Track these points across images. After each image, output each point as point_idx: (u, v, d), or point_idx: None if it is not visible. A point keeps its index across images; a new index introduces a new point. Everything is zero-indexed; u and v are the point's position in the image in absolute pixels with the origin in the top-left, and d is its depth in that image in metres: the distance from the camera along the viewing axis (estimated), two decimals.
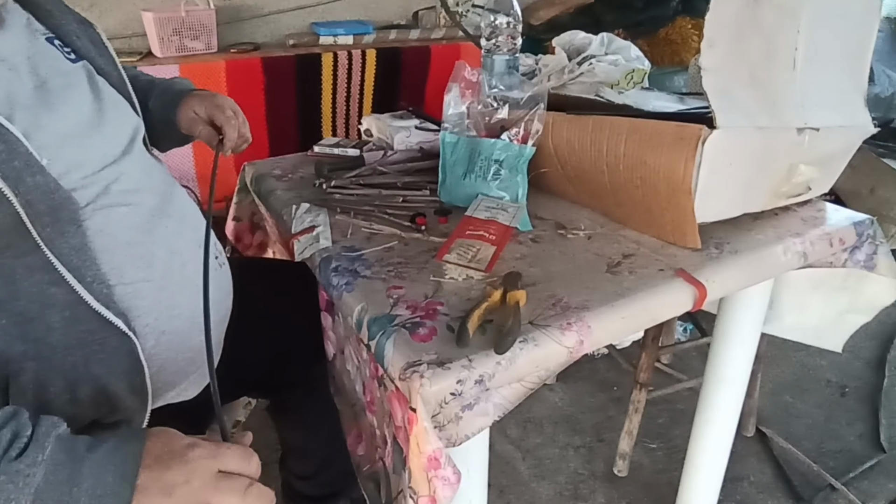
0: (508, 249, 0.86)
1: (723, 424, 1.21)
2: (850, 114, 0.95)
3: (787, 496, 1.50)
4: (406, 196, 1.01)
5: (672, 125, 0.81)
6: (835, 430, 1.70)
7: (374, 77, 2.14)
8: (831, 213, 1.00)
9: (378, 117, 1.32)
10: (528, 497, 1.50)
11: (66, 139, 0.66)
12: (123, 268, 0.67)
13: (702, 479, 1.29)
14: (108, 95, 0.76)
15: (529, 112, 0.97)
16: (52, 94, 0.67)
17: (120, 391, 0.67)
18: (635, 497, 1.50)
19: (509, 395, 0.69)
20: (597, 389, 1.86)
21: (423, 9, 2.36)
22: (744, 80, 0.83)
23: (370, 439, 0.87)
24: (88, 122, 0.71)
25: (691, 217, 0.83)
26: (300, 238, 0.93)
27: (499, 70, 1.13)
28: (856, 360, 1.97)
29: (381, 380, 0.73)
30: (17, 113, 0.61)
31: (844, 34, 0.93)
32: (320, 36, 2.10)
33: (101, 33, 0.81)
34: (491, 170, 0.97)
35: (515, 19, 1.10)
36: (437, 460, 0.63)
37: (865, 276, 1.03)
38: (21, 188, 0.58)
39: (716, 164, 0.79)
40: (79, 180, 0.65)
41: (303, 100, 2.07)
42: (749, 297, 1.06)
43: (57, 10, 0.76)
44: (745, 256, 0.87)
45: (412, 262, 0.84)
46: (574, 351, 0.70)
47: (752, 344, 1.13)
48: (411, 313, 0.72)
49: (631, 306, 0.75)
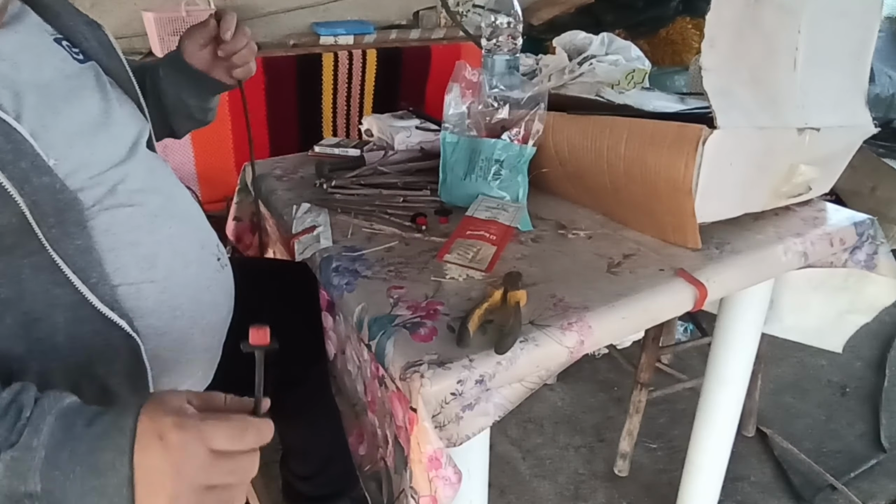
0: (509, 249, 0.86)
1: (723, 424, 1.21)
2: (850, 114, 0.95)
3: (788, 496, 1.50)
4: (407, 196, 1.01)
5: (672, 125, 0.81)
6: (835, 430, 1.70)
7: (375, 77, 2.14)
8: (832, 213, 1.00)
9: (378, 117, 1.32)
10: (529, 497, 1.50)
11: (73, 139, 0.66)
12: (127, 268, 0.67)
13: (702, 479, 1.29)
14: (116, 96, 0.77)
15: (530, 112, 0.97)
16: (60, 94, 0.67)
17: (122, 392, 0.67)
18: (636, 497, 1.50)
19: (510, 395, 0.69)
20: (597, 389, 1.86)
21: (424, 9, 2.36)
22: (744, 80, 0.83)
23: (371, 439, 0.87)
24: (96, 122, 0.71)
25: (692, 217, 0.83)
26: (301, 238, 0.93)
27: (499, 70, 1.13)
28: (856, 360, 1.97)
29: (382, 380, 0.73)
30: (24, 113, 0.62)
31: (845, 34, 0.93)
32: (321, 36, 2.10)
33: (108, 34, 0.82)
34: (491, 170, 0.97)
35: (516, 19, 1.10)
36: (437, 460, 0.63)
37: (866, 277, 1.03)
38: (27, 188, 0.58)
39: (716, 164, 0.79)
40: (86, 180, 0.66)
41: (303, 100, 2.07)
42: (749, 297, 1.06)
43: (65, 11, 0.76)
44: (746, 256, 0.87)
45: (413, 262, 0.84)
46: (574, 351, 0.70)
47: (752, 344, 1.13)
48: (412, 313, 0.72)
49: (631, 306, 0.75)
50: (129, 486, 0.47)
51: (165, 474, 0.47)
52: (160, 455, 0.47)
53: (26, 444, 0.48)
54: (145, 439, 0.48)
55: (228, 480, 0.50)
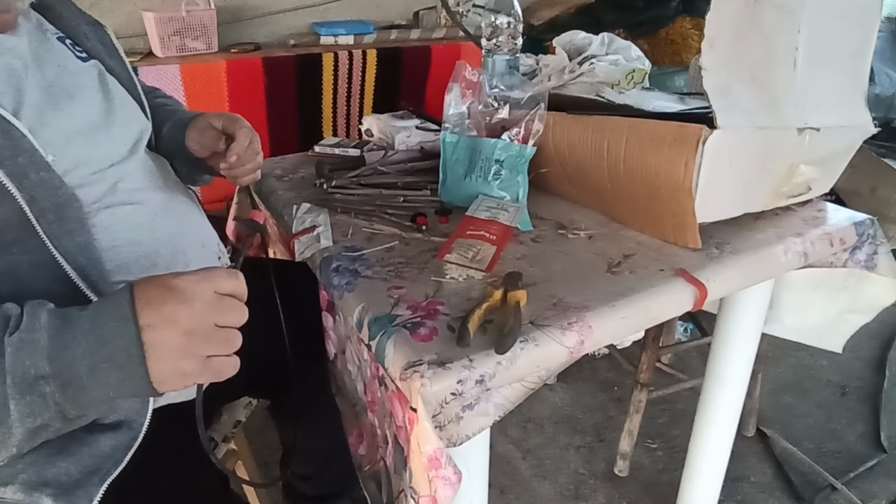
0: (509, 249, 0.86)
1: (723, 424, 1.21)
2: (850, 114, 0.95)
3: (788, 496, 1.50)
4: (407, 196, 1.01)
5: (673, 125, 0.81)
6: (835, 430, 1.70)
7: (375, 77, 2.14)
8: (832, 213, 1.00)
9: (379, 117, 1.32)
10: (529, 497, 1.50)
11: (72, 137, 0.66)
12: (128, 266, 0.68)
13: (702, 478, 1.29)
14: (118, 95, 0.77)
15: (530, 112, 0.97)
16: (61, 92, 0.68)
17: None
18: (636, 497, 1.50)
19: (510, 394, 0.69)
20: (597, 389, 1.86)
21: (424, 9, 2.37)
22: (744, 80, 0.83)
23: (371, 439, 0.87)
24: (97, 120, 0.71)
25: (692, 217, 0.83)
26: (301, 238, 0.93)
27: (499, 70, 1.13)
28: (856, 360, 1.97)
29: (382, 380, 0.73)
30: (23, 109, 0.62)
31: (845, 34, 0.93)
32: (321, 36, 2.10)
33: (111, 35, 0.82)
34: (491, 170, 0.97)
35: (516, 19, 1.10)
36: (437, 460, 0.63)
37: (866, 277, 1.03)
38: (25, 184, 0.58)
39: (716, 164, 0.79)
40: (85, 177, 0.66)
41: (303, 100, 2.07)
42: (749, 297, 1.06)
43: (67, 11, 0.76)
44: (746, 256, 0.87)
45: (413, 262, 0.84)
46: (575, 351, 0.70)
47: (752, 344, 1.13)
48: (412, 313, 0.72)
49: (631, 306, 0.75)
50: (136, 345, 0.49)
51: (178, 315, 0.49)
52: (170, 299, 0.49)
53: (28, 328, 0.49)
54: (144, 299, 0.50)
55: (232, 320, 0.52)
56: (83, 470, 0.66)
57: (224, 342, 0.51)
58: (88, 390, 0.50)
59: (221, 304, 0.51)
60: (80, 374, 0.49)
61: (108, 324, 0.49)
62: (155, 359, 0.49)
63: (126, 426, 0.69)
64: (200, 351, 0.50)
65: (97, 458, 0.67)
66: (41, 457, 0.65)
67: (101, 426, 0.68)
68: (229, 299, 0.52)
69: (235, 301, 0.53)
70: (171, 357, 0.49)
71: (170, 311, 0.49)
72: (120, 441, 0.69)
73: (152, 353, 0.49)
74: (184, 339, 0.49)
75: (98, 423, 0.68)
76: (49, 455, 0.65)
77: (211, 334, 0.51)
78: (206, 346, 0.50)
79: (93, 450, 0.67)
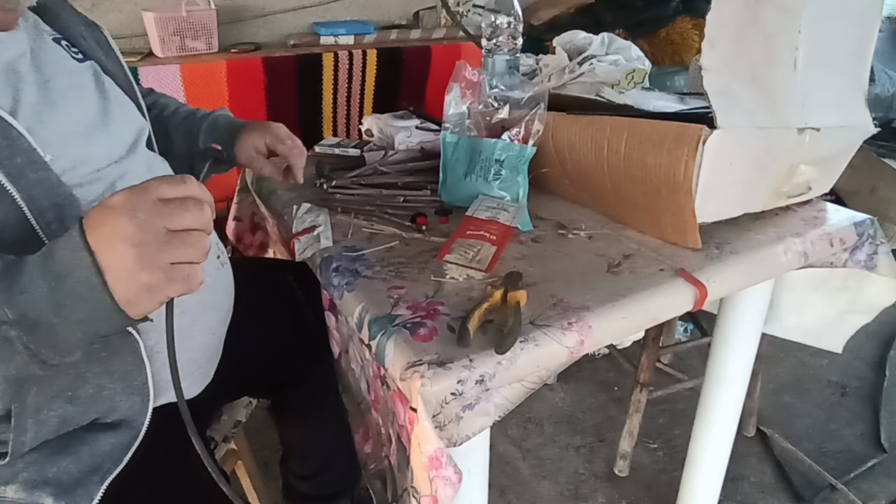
0: (509, 249, 0.86)
1: (723, 424, 1.21)
2: (850, 114, 0.95)
3: (788, 496, 1.50)
4: (407, 196, 1.02)
5: (673, 125, 0.81)
6: (835, 430, 1.70)
7: (375, 77, 2.14)
8: (832, 213, 1.00)
9: (379, 117, 1.32)
10: (529, 497, 1.50)
11: (70, 136, 0.66)
12: None
13: (702, 479, 1.29)
14: (115, 95, 0.77)
15: (530, 112, 0.97)
16: (57, 92, 0.68)
17: (121, 389, 0.67)
18: (636, 497, 1.50)
19: (510, 394, 0.69)
20: (597, 389, 1.86)
21: (424, 9, 2.36)
22: (744, 80, 0.83)
23: (376, 437, 0.87)
24: (94, 120, 0.71)
25: (692, 217, 0.83)
26: (301, 238, 0.93)
27: (499, 70, 1.13)
28: (856, 360, 1.97)
29: (384, 379, 0.74)
30: (20, 109, 0.62)
31: (845, 34, 0.93)
32: (321, 36, 2.10)
33: (107, 35, 0.82)
34: (492, 170, 0.97)
35: (516, 19, 1.10)
36: (438, 460, 0.63)
37: (866, 277, 1.03)
38: (23, 183, 0.58)
39: (716, 164, 0.80)
40: (84, 176, 0.66)
41: (303, 100, 2.07)
42: (749, 297, 1.06)
43: (64, 12, 0.76)
44: (746, 256, 0.87)
45: (413, 262, 0.84)
46: (575, 351, 0.70)
47: (752, 344, 1.13)
48: (412, 313, 0.72)
49: (631, 306, 0.75)
50: (95, 272, 0.47)
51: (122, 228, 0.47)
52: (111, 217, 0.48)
53: None
54: (90, 226, 0.48)
55: (186, 222, 0.50)
56: (84, 469, 0.66)
57: (183, 245, 0.49)
58: (59, 329, 0.49)
59: (167, 209, 0.49)
60: (46, 314, 0.48)
61: (63, 258, 0.48)
62: (115, 280, 0.48)
63: (126, 425, 0.70)
64: (159, 260, 0.48)
65: (98, 457, 0.67)
66: (42, 456, 0.65)
67: (102, 425, 0.68)
68: (178, 201, 0.50)
69: (188, 202, 0.50)
70: (129, 273, 0.48)
71: (112, 227, 0.48)
72: (120, 440, 0.69)
73: (111, 275, 0.47)
74: (136, 251, 0.47)
75: (98, 422, 0.68)
76: (49, 454, 0.65)
77: (165, 241, 0.48)
78: (162, 253, 0.48)
79: (93, 449, 0.67)
